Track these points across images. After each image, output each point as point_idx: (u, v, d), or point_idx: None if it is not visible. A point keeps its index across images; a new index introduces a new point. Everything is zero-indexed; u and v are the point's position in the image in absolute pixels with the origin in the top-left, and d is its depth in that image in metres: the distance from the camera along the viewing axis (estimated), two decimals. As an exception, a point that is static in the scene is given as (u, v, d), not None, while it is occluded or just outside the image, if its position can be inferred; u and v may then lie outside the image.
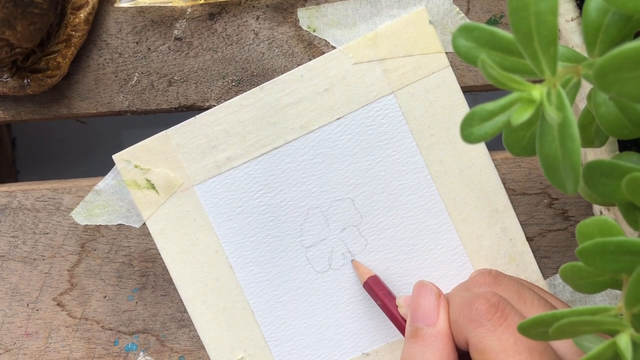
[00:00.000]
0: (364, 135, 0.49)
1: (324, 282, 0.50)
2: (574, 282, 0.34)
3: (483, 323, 0.40)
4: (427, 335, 0.42)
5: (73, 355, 0.51)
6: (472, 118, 0.31)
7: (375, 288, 0.48)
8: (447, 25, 0.49)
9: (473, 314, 0.40)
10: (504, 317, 0.40)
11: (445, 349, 0.41)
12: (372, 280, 0.49)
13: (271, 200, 0.50)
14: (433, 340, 0.42)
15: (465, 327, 0.41)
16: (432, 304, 0.43)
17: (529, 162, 0.50)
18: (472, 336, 0.40)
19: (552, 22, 0.28)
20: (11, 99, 0.51)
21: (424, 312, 0.43)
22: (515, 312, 0.40)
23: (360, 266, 0.49)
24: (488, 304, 0.40)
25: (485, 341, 0.39)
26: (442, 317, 0.42)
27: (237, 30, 0.50)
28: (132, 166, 0.49)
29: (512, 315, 0.40)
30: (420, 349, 0.42)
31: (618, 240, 0.30)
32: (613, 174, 0.33)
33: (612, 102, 0.33)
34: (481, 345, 0.40)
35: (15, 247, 0.51)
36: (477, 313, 0.40)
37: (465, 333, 0.41)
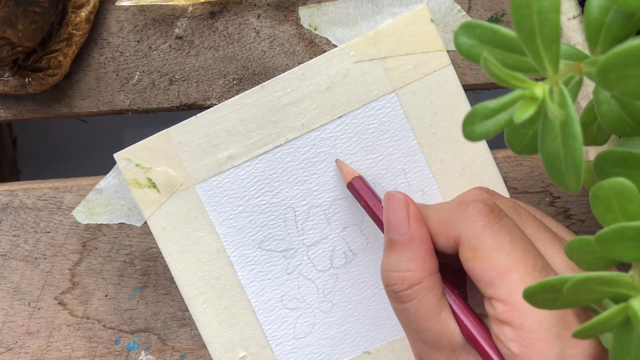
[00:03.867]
0: (366, 134, 0.49)
1: (325, 281, 0.50)
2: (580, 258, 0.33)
3: (479, 219, 0.39)
4: (401, 244, 0.41)
5: (74, 354, 0.51)
6: (474, 116, 0.31)
7: (360, 189, 0.47)
8: (448, 24, 0.49)
9: (469, 210, 0.40)
10: (499, 217, 0.39)
11: (420, 253, 0.41)
12: (357, 181, 0.47)
13: (272, 199, 0.50)
14: (407, 247, 0.41)
15: (459, 224, 0.40)
16: (402, 214, 0.42)
17: (531, 161, 0.50)
18: (467, 231, 0.39)
19: (555, 20, 0.28)
20: (12, 97, 0.51)
21: (394, 223, 0.42)
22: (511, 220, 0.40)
23: (345, 166, 0.48)
24: (485, 204, 0.40)
25: (481, 236, 0.39)
26: (413, 223, 0.42)
27: (238, 28, 0.50)
28: (133, 165, 0.49)
29: (508, 219, 0.39)
30: (396, 258, 0.41)
31: (638, 225, 0.29)
32: (627, 163, 0.33)
33: (614, 100, 0.33)
34: (475, 241, 0.39)
35: (17, 246, 0.51)
36: (474, 209, 0.39)
37: (457, 230, 0.40)
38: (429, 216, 0.42)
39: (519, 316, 0.37)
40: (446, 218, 0.41)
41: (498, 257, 0.38)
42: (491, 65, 0.28)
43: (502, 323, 0.37)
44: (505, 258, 0.38)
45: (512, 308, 0.37)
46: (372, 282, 0.50)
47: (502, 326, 0.37)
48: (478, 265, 0.38)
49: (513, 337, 0.37)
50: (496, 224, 0.39)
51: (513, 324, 0.37)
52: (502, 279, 0.38)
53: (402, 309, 0.41)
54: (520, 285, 0.37)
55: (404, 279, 0.40)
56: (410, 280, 0.40)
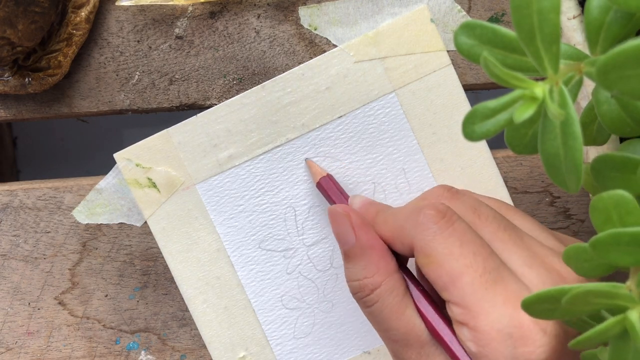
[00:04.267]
0: (365, 134, 0.49)
1: (325, 281, 0.50)
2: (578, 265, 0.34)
3: (429, 226, 0.40)
4: (352, 253, 0.42)
5: (74, 354, 0.51)
6: (474, 116, 0.31)
7: (327, 188, 0.47)
8: (448, 24, 0.49)
9: (420, 218, 0.40)
10: (450, 222, 0.40)
11: (373, 259, 0.42)
12: (324, 180, 0.48)
13: (273, 198, 0.50)
14: (359, 256, 0.42)
15: (411, 231, 0.41)
16: (345, 225, 0.43)
17: (531, 161, 0.50)
18: (418, 239, 0.40)
19: (555, 20, 0.28)
20: (12, 97, 0.51)
21: (342, 235, 0.43)
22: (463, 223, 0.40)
23: (314, 165, 0.49)
24: (435, 210, 0.40)
25: (431, 244, 0.40)
26: (359, 232, 0.43)
27: (238, 28, 0.50)
28: (133, 165, 0.49)
29: (460, 223, 0.40)
30: (352, 267, 0.42)
31: (633, 231, 0.29)
32: (624, 167, 0.33)
33: (614, 100, 0.33)
34: (427, 249, 0.40)
35: (17, 246, 0.51)
36: (424, 217, 0.40)
37: (410, 238, 0.41)
38: (386, 221, 0.43)
39: (473, 318, 0.38)
40: (400, 225, 0.42)
41: (449, 262, 0.39)
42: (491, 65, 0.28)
43: (460, 324, 0.39)
44: (455, 263, 0.39)
45: (466, 311, 0.38)
46: (372, 282, 0.50)
47: (461, 327, 0.39)
48: (432, 271, 0.39)
49: (470, 338, 0.38)
50: (446, 230, 0.40)
51: (469, 325, 0.38)
52: (454, 283, 0.39)
53: (369, 313, 0.42)
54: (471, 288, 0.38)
55: (364, 285, 0.42)
56: (369, 286, 0.41)
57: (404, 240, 0.41)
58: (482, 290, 0.38)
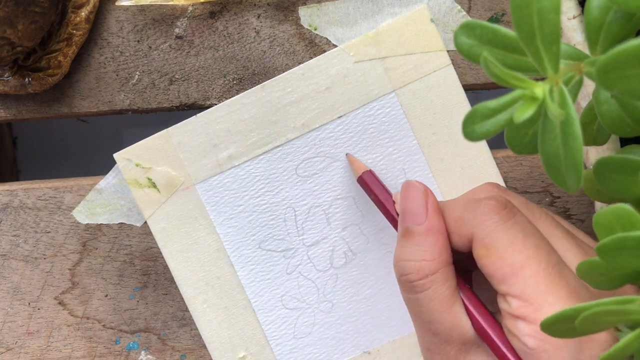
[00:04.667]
0: (366, 134, 0.49)
1: (325, 281, 0.50)
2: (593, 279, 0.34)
3: (491, 217, 0.39)
4: (418, 233, 0.41)
5: (74, 354, 0.51)
6: (474, 116, 0.31)
7: (370, 183, 0.47)
8: (448, 24, 0.49)
9: (481, 208, 0.39)
10: (512, 213, 0.39)
11: (437, 244, 0.40)
12: (367, 175, 0.47)
13: (272, 198, 0.50)
14: (424, 237, 0.40)
15: (471, 222, 0.39)
16: (420, 203, 0.41)
17: (531, 161, 0.50)
18: (479, 230, 0.39)
19: (555, 20, 0.28)
20: (12, 97, 0.51)
21: (412, 212, 0.41)
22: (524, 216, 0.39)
23: (355, 160, 0.48)
24: (496, 201, 0.39)
25: (493, 235, 0.38)
26: (431, 214, 0.41)
27: (238, 28, 0.50)
28: (133, 165, 0.49)
29: (521, 215, 0.39)
30: (411, 247, 0.41)
31: (638, 235, 0.29)
32: (626, 169, 0.33)
33: (614, 100, 0.33)
34: (488, 239, 0.39)
35: (17, 246, 0.51)
36: (486, 207, 0.39)
37: (469, 228, 0.39)
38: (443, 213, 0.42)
39: (534, 311, 0.37)
40: (458, 216, 0.41)
41: (511, 253, 0.38)
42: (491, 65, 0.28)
43: (516, 318, 0.37)
44: (518, 254, 0.38)
45: (527, 303, 0.37)
46: (372, 282, 0.50)
47: (517, 321, 0.37)
48: (491, 262, 0.38)
49: (529, 332, 0.37)
50: (508, 221, 0.39)
51: (528, 319, 0.37)
52: (516, 275, 0.38)
53: (415, 299, 0.40)
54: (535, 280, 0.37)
55: (420, 268, 0.40)
56: (425, 270, 0.40)
57: (462, 231, 0.40)
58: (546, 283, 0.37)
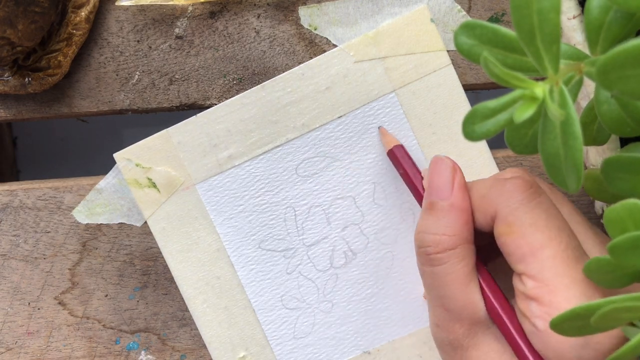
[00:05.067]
0: (366, 134, 0.49)
1: (325, 281, 0.50)
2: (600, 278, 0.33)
3: (516, 195, 0.39)
4: (441, 208, 0.41)
5: (74, 354, 0.51)
6: (474, 116, 0.31)
7: (400, 157, 0.47)
8: (448, 24, 0.49)
9: (507, 186, 0.39)
10: (537, 194, 0.39)
11: (459, 221, 0.40)
12: (398, 149, 0.47)
13: (272, 198, 0.50)
14: (447, 212, 0.40)
15: (496, 199, 0.39)
16: (447, 178, 0.41)
17: (531, 161, 0.50)
18: (503, 207, 0.39)
19: (555, 19, 0.28)
20: (12, 97, 0.51)
21: (438, 186, 0.41)
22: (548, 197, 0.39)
23: (387, 134, 0.48)
24: (523, 180, 0.39)
25: (517, 212, 0.38)
26: (457, 190, 0.41)
27: (238, 28, 0.50)
28: (133, 165, 0.49)
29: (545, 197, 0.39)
30: (433, 221, 0.41)
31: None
32: (633, 168, 0.33)
33: (614, 100, 0.33)
34: (511, 217, 0.38)
35: (17, 246, 0.51)
36: (512, 185, 0.39)
37: (494, 205, 0.39)
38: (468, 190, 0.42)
39: (549, 293, 0.37)
40: (483, 194, 0.40)
41: (532, 233, 0.38)
42: (491, 65, 0.28)
43: (529, 299, 0.37)
44: (540, 234, 0.38)
45: (542, 284, 0.37)
46: (372, 282, 0.50)
47: (530, 302, 0.37)
48: (511, 240, 0.38)
49: (540, 314, 0.37)
50: (533, 200, 0.39)
51: (541, 301, 0.37)
52: (535, 255, 0.37)
53: (431, 272, 0.40)
54: (553, 262, 0.37)
55: (439, 241, 0.40)
56: (444, 244, 0.40)
57: (487, 209, 0.40)
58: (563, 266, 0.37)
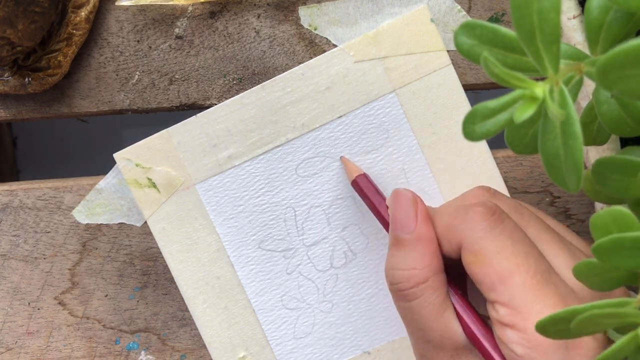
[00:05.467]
0: (366, 134, 0.49)
1: (325, 281, 0.50)
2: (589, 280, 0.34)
3: (480, 224, 0.39)
4: (407, 242, 0.41)
5: (74, 354, 0.51)
6: (474, 116, 0.31)
7: (364, 187, 0.47)
8: (448, 24, 0.49)
9: (470, 215, 0.39)
10: (500, 220, 0.39)
11: (427, 252, 0.40)
12: (361, 178, 0.47)
13: (272, 198, 0.50)
14: (414, 246, 0.41)
15: (459, 228, 0.39)
16: (409, 211, 0.41)
17: (531, 161, 0.50)
18: (467, 236, 0.39)
19: (555, 19, 0.28)
20: (12, 97, 0.51)
21: (402, 220, 0.41)
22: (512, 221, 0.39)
23: (349, 163, 0.48)
24: (485, 207, 0.39)
25: (481, 242, 0.38)
26: (420, 222, 0.41)
27: (238, 28, 0.50)
28: (133, 165, 0.49)
29: (509, 221, 0.39)
30: (401, 256, 0.41)
31: (634, 235, 0.29)
32: (625, 170, 0.33)
33: (614, 100, 0.33)
34: (476, 246, 0.39)
35: (17, 246, 0.51)
36: (474, 214, 0.39)
37: (458, 235, 0.39)
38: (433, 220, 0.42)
39: (522, 319, 0.37)
40: (447, 223, 0.41)
41: (499, 261, 0.38)
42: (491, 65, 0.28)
43: (505, 326, 0.37)
44: (506, 262, 0.38)
45: (515, 312, 0.37)
46: (372, 282, 0.50)
47: (505, 329, 0.37)
48: (480, 269, 0.38)
49: (517, 340, 0.37)
50: (497, 228, 0.39)
51: (516, 327, 0.37)
52: (504, 283, 0.38)
53: (406, 307, 0.41)
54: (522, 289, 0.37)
55: (410, 277, 0.40)
56: (416, 278, 0.40)
57: (452, 239, 0.40)
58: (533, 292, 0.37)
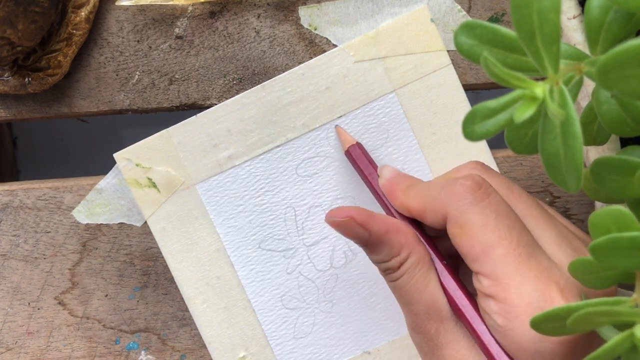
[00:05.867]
0: (366, 134, 0.49)
1: (325, 281, 0.50)
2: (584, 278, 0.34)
3: (465, 196, 0.39)
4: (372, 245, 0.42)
5: (74, 354, 0.51)
6: (474, 116, 0.31)
7: (356, 157, 0.47)
8: (448, 24, 0.49)
9: (456, 188, 0.40)
10: (486, 194, 0.40)
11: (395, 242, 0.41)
12: (353, 148, 0.47)
13: (272, 198, 0.50)
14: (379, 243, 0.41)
15: (446, 201, 0.40)
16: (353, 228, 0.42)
17: (531, 160, 0.50)
18: (453, 209, 0.40)
19: (555, 19, 0.28)
20: (12, 97, 0.51)
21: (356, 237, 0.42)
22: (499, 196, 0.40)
23: (343, 133, 0.48)
24: (472, 181, 0.40)
25: (466, 214, 0.39)
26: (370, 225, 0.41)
27: (238, 28, 0.50)
28: (133, 165, 0.49)
29: (495, 195, 0.40)
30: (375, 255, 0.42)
31: (632, 235, 0.29)
32: (623, 170, 0.33)
33: (614, 100, 0.33)
34: (461, 219, 0.39)
35: (17, 246, 0.51)
36: (461, 187, 0.40)
37: (445, 207, 0.40)
38: (420, 193, 0.43)
39: (503, 290, 0.38)
40: (434, 195, 0.41)
41: (483, 233, 0.39)
42: (491, 65, 0.28)
43: (487, 297, 0.38)
44: (490, 234, 0.39)
45: (496, 283, 0.38)
46: (372, 282, 0.50)
47: (488, 300, 0.38)
48: (464, 241, 0.39)
49: (497, 310, 0.38)
50: (482, 202, 0.39)
51: (497, 298, 0.38)
52: (487, 254, 0.38)
53: (394, 286, 0.42)
54: (504, 260, 0.38)
55: (391, 265, 0.41)
56: (396, 263, 0.41)
57: (438, 210, 0.41)
58: (515, 264, 0.38)
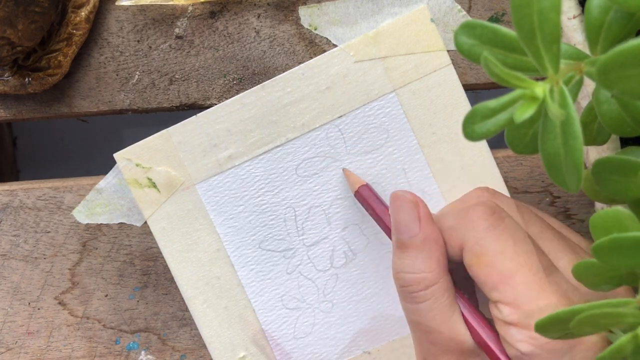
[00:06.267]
0: (366, 134, 0.49)
1: (325, 281, 0.50)
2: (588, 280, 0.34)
3: (480, 223, 0.39)
4: (414, 244, 0.41)
5: (74, 354, 0.51)
6: (474, 116, 0.31)
7: (367, 197, 0.47)
8: (448, 23, 0.49)
9: (470, 215, 0.39)
10: (501, 219, 0.39)
11: (434, 254, 0.40)
12: (364, 189, 0.47)
13: (272, 198, 0.50)
14: (421, 248, 0.40)
15: (461, 230, 0.39)
16: (412, 214, 0.41)
17: (531, 160, 0.50)
18: (469, 237, 0.39)
19: (555, 19, 0.28)
20: (12, 97, 0.51)
21: (405, 224, 0.41)
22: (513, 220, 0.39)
23: (351, 175, 0.48)
24: (485, 207, 0.39)
25: (483, 242, 0.38)
26: (425, 224, 0.41)
27: (239, 28, 0.50)
28: (133, 165, 0.49)
29: (510, 220, 0.39)
30: (409, 259, 0.41)
31: (634, 235, 0.29)
32: (624, 170, 0.33)
33: (614, 100, 0.33)
34: (478, 247, 0.39)
35: (17, 246, 0.51)
36: (474, 214, 0.39)
37: (460, 236, 0.39)
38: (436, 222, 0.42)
39: (526, 317, 0.37)
40: (449, 225, 0.41)
41: (502, 261, 0.38)
42: (491, 64, 0.28)
43: (509, 325, 0.38)
44: (509, 262, 0.38)
45: (519, 310, 0.37)
46: (372, 282, 0.50)
47: (510, 328, 0.38)
48: (482, 270, 0.38)
49: (522, 338, 0.37)
50: (498, 227, 0.39)
51: (520, 325, 0.37)
52: (507, 282, 0.38)
53: (415, 309, 0.40)
54: (525, 287, 0.37)
55: (420, 280, 0.40)
56: (426, 281, 0.40)
57: (454, 241, 0.40)
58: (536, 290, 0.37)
